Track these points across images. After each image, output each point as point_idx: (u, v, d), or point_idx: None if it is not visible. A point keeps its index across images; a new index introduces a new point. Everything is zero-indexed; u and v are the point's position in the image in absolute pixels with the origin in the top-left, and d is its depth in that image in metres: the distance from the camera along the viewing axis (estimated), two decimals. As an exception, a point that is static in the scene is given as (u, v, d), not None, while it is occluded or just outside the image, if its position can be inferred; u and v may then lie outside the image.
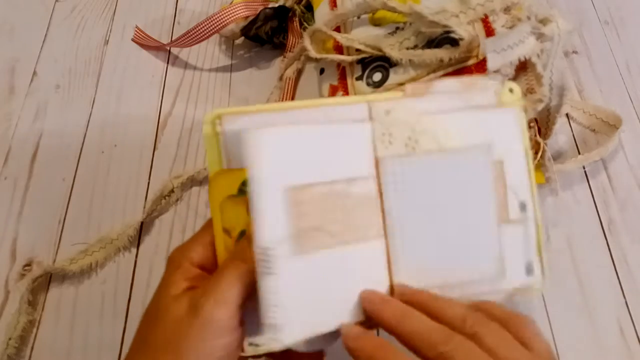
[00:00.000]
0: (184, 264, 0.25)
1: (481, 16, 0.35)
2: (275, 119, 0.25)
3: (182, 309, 0.23)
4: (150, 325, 0.24)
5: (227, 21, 0.46)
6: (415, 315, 0.24)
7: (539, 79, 0.33)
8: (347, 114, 0.26)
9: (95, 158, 0.45)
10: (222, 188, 0.25)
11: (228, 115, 0.25)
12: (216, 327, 0.22)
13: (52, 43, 0.52)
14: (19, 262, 0.41)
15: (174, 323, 0.23)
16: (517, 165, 0.27)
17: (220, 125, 0.25)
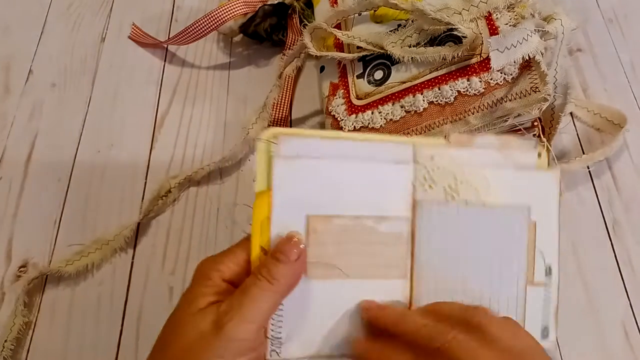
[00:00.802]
0: (213, 277, 0.25)
1: (484, 14, 0.35)
2: (326, 147, 0.26)
3: (206, 324, 0.23)
4: (172, 335, 0.24)
5: (226, 18, 0.45)
6: (412, 314, 0.25)
7: (543, 77, 0.32)
8: (393, 152, 0.27)
9: (91, 158, 0.45)
10: (265, 207, 0.25)
11: (284, 137, 0.26)
12: (238, 345, 0.23)
13: (48, 41, 0.51)
14: (14, 263, 0.40)
15: (196, 337, 0.23)
16: (549, 228, 0.28)
17: (276, 145, 0.26)
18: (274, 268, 0.24)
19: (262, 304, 0.23)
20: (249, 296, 0.23)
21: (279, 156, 0.26)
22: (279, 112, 0.45)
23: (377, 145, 0.27)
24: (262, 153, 0.26)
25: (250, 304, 0.23)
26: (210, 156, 0.44)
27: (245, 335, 0.23)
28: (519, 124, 0.34)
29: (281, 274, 0.24)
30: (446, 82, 0.34)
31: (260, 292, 0.23)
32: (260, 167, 0.26)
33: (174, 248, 0.40)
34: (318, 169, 0.26)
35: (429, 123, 0.35)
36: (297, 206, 0.26)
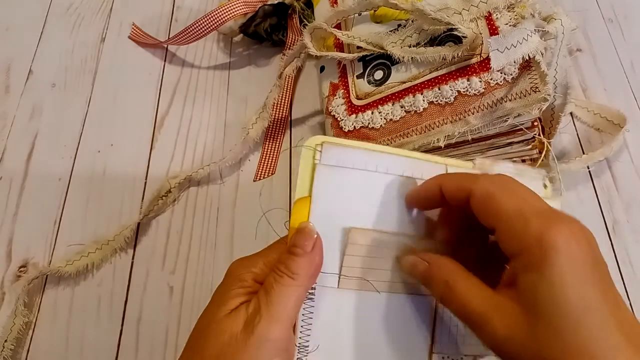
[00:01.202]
0: (246, 277, 0.24)
1: (484, 14, 0.35)
2: (367, 159, 0.27)
3: (237, 325, 0.23)
4: (204, 339, 0.23)
5: (226, 18, 0.45)
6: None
7: (543, 77, 0.32)
8: (429, 171, 0.27)
9: (91, 158, 0.45)
10: (304, 213, 0.26)
11: (328, 145, 0.27)
12: (270, 346, 0.22)
13: (48, 41, 0.51)
14: (14, 263, 0.40)
15: (228, 340, 0.22)
16: None
17: (320, 152, 0.26)
18: (292, 263, 0.24)
19: (287, 299, 0.23)
20: (273, 294, 0.23)
21: (322, 164, 0.26)
22: (279, 112, 0.45)
23: (415, 162, 0.28)
24: (305, 160, 0.26)
25: (276, 302, 0.23)
26: (210, 156, 0.44)
27: (277, 335, 0.22)
28: (519, 124, 0.34)
29: (300, 267, 0.24)
30: (446, 82, 0.34)
31: (283, 289, 0.23)
32: (303, 173, 0.26)
33: (174, 248, 0.40)
34: (359, 180, 0.26)
35: (429, 123, 0.35)
36: (336, 214, 0.26)
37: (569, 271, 0.19)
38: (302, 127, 0.45)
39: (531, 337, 0.20)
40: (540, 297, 0.19)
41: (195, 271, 0.39)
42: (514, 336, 0.20)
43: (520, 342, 0.20)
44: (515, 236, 0.20)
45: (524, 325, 0.20)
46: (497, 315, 0.20)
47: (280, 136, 0.45)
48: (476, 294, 0.22)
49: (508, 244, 0.21)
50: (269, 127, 0.44)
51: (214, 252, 0.40)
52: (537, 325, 0.19)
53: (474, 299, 0.22)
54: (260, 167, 0.43)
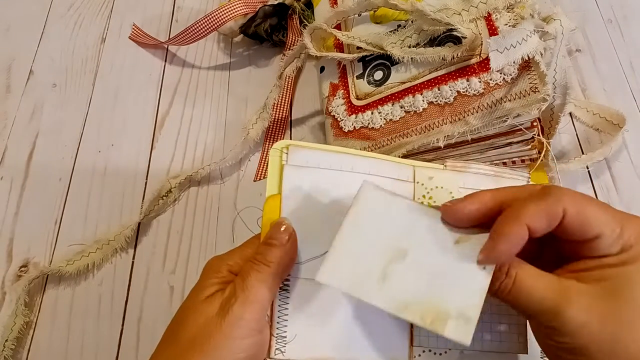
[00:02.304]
0: (222, 270, 0.26)
1: (484, 14, 0.35)
2: (332, 160, 0.28)
3: (213, 309, 0.24)
4: (180, 324, 0.25)
5: (226, 19, 0.45)
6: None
7: (542, 77, 0.32)
8: (394, 172, 0.28)
9: (92, 158, 0.45)
10: (274, 210, 0.27)
11: (294, 147, 0.28)
12: (244, 326, 0.24)
13: (49, 41, 0.52)
14: (15, 263, 0.40)
15: (203, 322, 0.24)
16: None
17: (287, 154, 0.28)
18: (268, 252, 0.25)
19: (262, 284, 0.24)
20: (248, 279, 0.24)
21: (289, 165, 0.28)
22: (279, 112, 0.45)
23: (380, 162, 0.29)
24: (274, 161, 0.28)
25: (250, 286, 0.24)
26: (210, 156, 0.44)
27: (251, 315, 0.24)
28: (518, 124, 0.34)
29: (275, 256, 0.25)
30: (446, 82, 0.35)
31: (258, 275, 0.25)
32: (271, 173, 0.28)
33: (175, 248, 0.40)
34: (325, 178, 0.28)
35: (429, 123, 0.35)
36: (304, 210, 0.27)
37: None
38: (302, 127, 0.45)
39: (610, 318, 0.20)
40: (633, 284, 0.21)
41: (196, 271, 0.39)
42: (593, 319, 0.20)
43: (600, 324, 0.20)
44: (618, 239, 0.21)
45: (603, 306, 0.20)
46: (573, 300, 0.21)
47: (280, 136, 0.45)
48: (543, 280, 0.22)
49: (610, 247, 0.22)
50: (269, 127, 0.44)
51: (214, 251, 0.40)
52: (620, 307, 0.20)
53: (542, 284, 0.21)
54: (261, 167, 0.43)
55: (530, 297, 0.21)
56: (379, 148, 0.37)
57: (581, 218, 0.21)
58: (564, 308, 0.21)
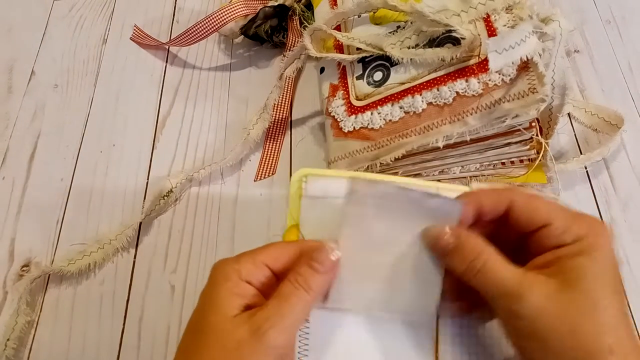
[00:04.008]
0: (232, 277, 0.24)
1: (483, 15, 0.35)
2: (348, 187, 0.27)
3: (244, 332, 0.23)
4: (204, 342, 0.23)
5: (227, 20, 0.45)
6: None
7: (541, 78, 0.32)
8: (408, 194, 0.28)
9: (93, 158, 0.45)
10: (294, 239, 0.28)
11: (312, 177, 0.29)
12: (277, 353, 0.23)
13: (50, 42, 0.52)
14: (17, 262, 0.40)
15: (234, 345, 0.22)
16: None
17: (306, 184, 0.28)
18: (310, 278, 0.24)
19: (300, 311, 0.24)
20: (288, 304, 0.23)
21: (306, 196, 0.28)
22: (280, 113, 0.45)
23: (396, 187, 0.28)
24: (294, 191, 0.28)
25: (289, 312, 0.23)
26: (211, 156, 0.44)
27: (285, 342, 0.23)
28: (517, 125, 0.35)
29: (316, 283, 0.24)
30: (445, 83, 0.35)
31: (297, 301, 0.24)
32: (292, 203, 0.28)
33: (176, 247, 0.40)
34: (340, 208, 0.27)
35: (428, 124, 0.36)
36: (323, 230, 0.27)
37: (611, 259, 0.23)
38: (302, 127, 0.46)
39: (568, 310, 0.21)
40: (586, 275, 0.22)
41: (197, 270, 0.39)
42: (551, 307, 0.21)
43: (556, 313, 0.21)
44: (569, 229, 0.23)
45: (562, 298, 0.22)
46: (535, 287, 0.22)
47: (280, 137, 0.45)
48: (509, 268, 0.23)
49: (560, 236, 0.23)
50: (270, 127, 0.45)
51: (215, 251, 0.40)
52: (577, 300, 0.21)
53: (508, 272, 0.23)
54: (261, 168, 0.44)
55: (495, 280, 0.23)
56: (378, 148, 0.37)
57: (529, 207, 0.24)
58: (524, 293, 0.22)
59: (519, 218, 0.24)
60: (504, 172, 0.40)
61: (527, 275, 0.23)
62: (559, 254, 0.23)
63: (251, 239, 0.40)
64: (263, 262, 0.25)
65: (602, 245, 0.23)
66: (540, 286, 0.22)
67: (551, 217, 0.24)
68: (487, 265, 0.23)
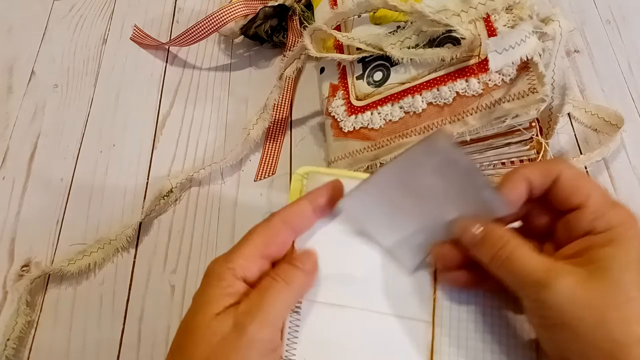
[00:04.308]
0: (227, 277, 0.24)
1: (483, 15, 0.35)
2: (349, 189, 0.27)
3: (226, 327, 0.23)
4: (191, 341, 0.23)
5: (227, 20, 0.45)
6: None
7: (541, 78, 0.32)
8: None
9: (93, 158, 0.45)
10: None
11: (313, 175, 0.29)
12: (260, 347, 0.23)
13: (51, 42, 0.52)
14: (17, 262, 0.40)
15: (218, 340, 0.23)
16: None
17: (307, 180, 0.28)
18: (290, 271, 0.25)
19: (280, 303, 0.24)
20: (268, 297, 0.23)
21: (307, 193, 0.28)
22: (280, 113, 0.45)
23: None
24: (295, 187, 0.28)
25: (270, 304, 0.23)
26: (211, 156, 0.44)
27: (268, 336, 0.23)
28: (517, 125, 0.35)
29: (296, 277, 0.25)
30: (445, 83, 0.35)
31: (276, 293, 0.24)
32: (292, 199, 0.28)
33: (176, 247, 0.40)
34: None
35: (428, 124, 0.36)
36: (319, 236, 0.27)
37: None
38: (302, 127, 0.46)
39: (596, 299, 0.21)
40: (617, 266, 0.21)
41: (197, 270, 0.39)
42: (579, 296, 0.21)
43: (584, 302, 0.21)
44: (604, 215, 0.23)
45: (590, 288, 0.21)
46: (564, 276, 0.21)
47: (280, 137, 0.45)
48: (537, 258, 0.23)
49: (594, 221, 0.23)
50: (270, 127, 0.45)
51: (215, 251, 0.40)
52: (607, 290, 0.21)
53: (536, 259, 0.23)
54: (261, 167, 0.44)
55: (522, 269, 0.23)
56: (378, 148, 0.37)
57: (574, 183, 0.24)
58: (552, 281, 0.21)
59: (561, 193, 0.24)
60: (504, 172, 0.40)
61: (555, 264, 0.22)
62: (589, 243, 0.23)
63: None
64: (254, 254, 0.25)
65: (633, 236, 0.22)
66: (569, 275, 0.21)
67: (589, 199, 0.23)
68: (514, 254, 0.23)
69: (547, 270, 0.22)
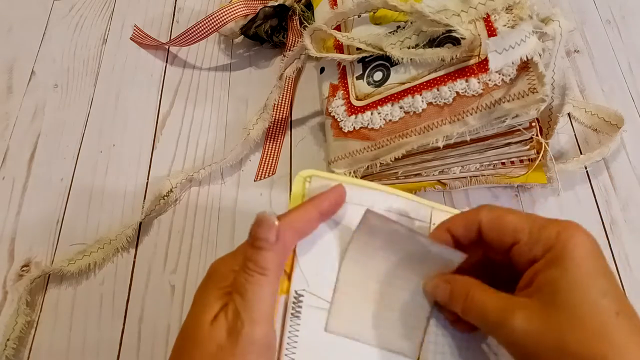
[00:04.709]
0: (228, 276, 0.24)
1: (483, 15, 0.35)
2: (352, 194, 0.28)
3: (221, 334, 0.22)
4: (190, 347, 0.23)
5: (227, 20, 0.45)
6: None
7: (541, 78, 0.32)
8: (413, 211, 0.29)
9: (93, 158, 0.45)
10: None
11: (316, 178, 0.28)
12: (256, 347, 0.23)
13: (51, 42, 0.52)
14: (17, 262, 0.40)
15: (215, 350, 0.22)
16: None
17: (309, 184, 0.28)
18: (259, 258, 0.23)
19: (263, 298, 0.23)
20: (248, 296, 0.23)
21: (309, 196, 0.28)
22: (280, 113, 0.45)
23: (400, 200, 0.29)
24: (297, 189, 0.28)
25: (252, 303, 0.23)
26: (211, 156, 0.44)
27: (262, 332, 0.23)
28: (517, 125, 0.35)
29: (268, 261, 0.23)
30: (445, 83, 0.35)
31: (256, 288, 0.23)
32: (293, 201, 0.28)
33: (176, 247, 0.40)
34: (341, 211, 0.28)
35: (428, 124, 0.36)
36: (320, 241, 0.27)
37: (586, 263, 0.22)
38: (302, 127, 0.46)
39: (551, 326, 0.21)
40: (561, 288, 0.21)
41: (197, 270, 0.39)
42: (534, 329, 0.21)
43: (540, 333, 0.21)
44: (537, 242, 0.23)
45: (543, 317, 0.21)
46: (516, 312, 0.22)
47: (280, 137, 0.45)
48: (494, 298, 0.23)
49: (530, 251, 0.23)
50: (270, 127, 0.45)
51: (215, 251, 0.40)
52: (557, 314, 0.21)
53: (492, 301, 0.23)
54: (261, 167, 0.44)
55: (480, 312, 0.23)
56: (378, 148, 0.37)
57: (497, 224, 0.24)
58: (507, 320, 0.22)
59: (490, 238, 0.24)
60: (504, 172, 0.40)
61: (510, 301, 0.23)
62: (535, 270, 0.23)
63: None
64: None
65: (571, 250, 0.22)
66: (521, 310, 0.22)
67: (518, 233, 0.23)
68: (473, 300, 0.24)
69: (502, 309, 0.22)
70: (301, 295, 0.26)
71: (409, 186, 0.41)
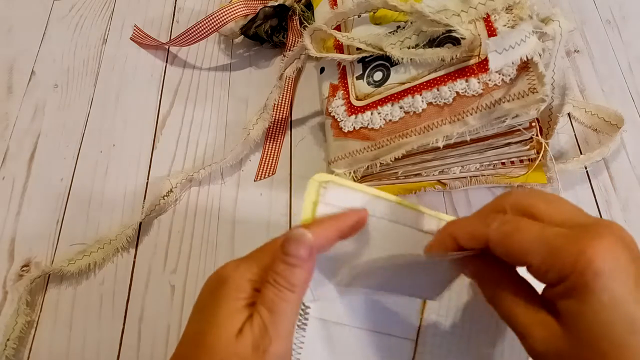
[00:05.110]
0: (246, 288, 0.23)
1: (483, 15, 0.35)
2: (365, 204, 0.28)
3: (246, 350, 0.22)
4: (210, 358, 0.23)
5: (227, 20, 0.45)
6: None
7: (541, 78, 0.32)
8: (423, 223, 0.29)
9: (93, 158, 0.45)
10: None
11: (332, 184, 0.27)
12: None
13: (51, 42, 0.52)
14: (17, 262, 0.40)
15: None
16: None
17: (325, 190, 0.27)
18: (290, 275, 0.23)
19: (291, 315, 0.23)
20: (277, 312, 0.22)
21: (323, 203, 0.27)
22: (280, 113, 0.45)
23: (413, 213, 0.29)
24: (310, 193, 0.27)
25: (281, 320, 0.22)
26: (211, 156, 0.44)
27: (285, 351, 0.23)
28: (517, 125, 0.35)
29: (298, 278, 0.23)
30: (445, 83, 0.35)
31: (285, 305, 0.23)
32: (306, 205, 0.27)
33: (176, 247, 0.40)
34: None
35: (428, 124, 0.36)
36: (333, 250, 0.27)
37: (612, 293, 0.19)
38: (302, 127, 0.46)
39: (572, 353, 0.20)
40: (583, 322, 0.19)
41: (197, 270, 0.39)
42: (552, 354, 0.20)
43: (560, 357, 0.20)
44: (551, 268, 0.20)
45: (564, 345, 0.20)
46: (539, 330, 0.21)
47: (280, 137, 0.45)
48: (523, 304, 0.22)
49: (545, 277, 0.21)
50: (270, 127, 0.45)
51: (215, 251, 0.40)
52: (580, 348, 0.19)
53: (520, 309, 0.22)
54: (261, 167, 0.44)
55: (508, 317, 0.22)
56: (378, 148, 0.37)
57: (506, 245, 0.21)
58: (528, 335, 0.21)
59: (499, 253, 0.22)
60: (504, 172, 0.40)
61: (537, 315, 0.21)
62: (553, 293, 0.21)
63: (251, 239, 0.40)
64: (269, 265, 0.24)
65: (590, 281, 0.19)
66: (544, 331, 0.21)
67: (528, 257, 0.21)
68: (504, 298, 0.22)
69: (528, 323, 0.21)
70: (308, 307, 0.26)
71: (409, 186, 0.41)
